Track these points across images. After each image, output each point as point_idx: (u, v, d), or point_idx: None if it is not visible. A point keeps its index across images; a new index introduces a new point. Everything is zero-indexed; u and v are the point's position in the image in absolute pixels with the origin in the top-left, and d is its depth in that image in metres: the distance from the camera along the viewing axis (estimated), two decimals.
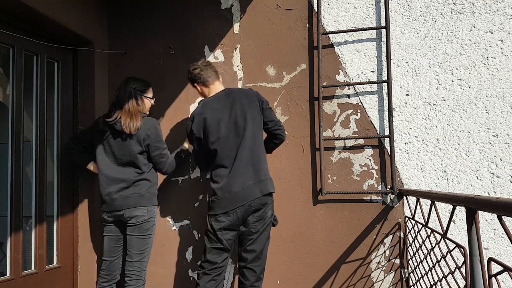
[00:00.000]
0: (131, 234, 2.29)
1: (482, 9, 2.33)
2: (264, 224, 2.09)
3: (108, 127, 2.30)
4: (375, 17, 2.47)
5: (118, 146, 2.29)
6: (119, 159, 2.30)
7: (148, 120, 2.34)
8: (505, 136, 2.25)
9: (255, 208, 2.05)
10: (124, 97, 2.28)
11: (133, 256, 2.28)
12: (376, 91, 2.45)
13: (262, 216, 2.08)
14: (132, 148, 2.27)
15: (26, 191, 2.35)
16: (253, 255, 2.09)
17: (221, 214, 2.05)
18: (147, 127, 2.30)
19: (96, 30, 2.75)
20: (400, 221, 2.35)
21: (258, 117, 2.14)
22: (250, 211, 2.05)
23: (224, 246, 2.07)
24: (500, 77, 2.28)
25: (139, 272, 2.29)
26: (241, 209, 2.03)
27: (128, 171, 2.30)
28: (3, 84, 2.59)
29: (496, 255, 2.20)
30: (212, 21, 2.72)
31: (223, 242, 2.06)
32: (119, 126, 2.24)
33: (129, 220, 2.27)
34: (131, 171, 2.30)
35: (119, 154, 2.29)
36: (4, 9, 2.15)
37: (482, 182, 2.26)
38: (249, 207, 2.03)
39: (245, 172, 2.06)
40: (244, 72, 2.64)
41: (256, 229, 2.08)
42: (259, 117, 2.15)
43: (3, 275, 2.18)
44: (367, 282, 2.36)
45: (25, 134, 2.33)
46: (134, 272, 2.28)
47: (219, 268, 2.09)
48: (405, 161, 2.37)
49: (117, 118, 2.25)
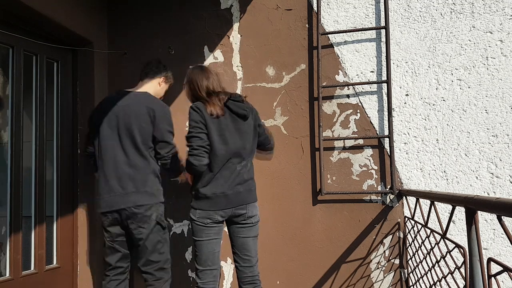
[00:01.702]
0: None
1: (481, 9, 2.33)
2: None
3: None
4: (375, 17, 2.47)
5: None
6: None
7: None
8: (504, 136, 2.25)
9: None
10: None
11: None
12: (375, 91, 2.45)
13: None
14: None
15: (26, 191, 2.34)
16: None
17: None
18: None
19: (95, 30, 2.75)
20: (400, 221, 2.35)
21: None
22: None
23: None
24: (500, 77, 2.28)
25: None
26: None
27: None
28: (2, 84, 2.59)
29: (495, 255, 2.20)
30: (212, 21, 2.72)
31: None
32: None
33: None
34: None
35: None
36: (4, 9, 2.15)
37: (482, 182, 2.26)
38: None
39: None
40: (243, 72, 2.64)
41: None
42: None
43: (2, 275, 2.18)
44: (366, 282, 2.36)
45: (24, 134, 2.33)
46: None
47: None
48: (405, 161, 2.37)
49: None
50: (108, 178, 2.17)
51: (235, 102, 2.03)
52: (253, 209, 2.04)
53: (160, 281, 2.15)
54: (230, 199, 1.99)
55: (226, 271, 2.57)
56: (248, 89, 2.62)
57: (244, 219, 2.02)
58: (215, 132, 1.97)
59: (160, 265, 2.17)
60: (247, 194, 2.03)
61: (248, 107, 2.07)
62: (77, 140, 2.69)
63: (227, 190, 1.98)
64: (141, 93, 2.27)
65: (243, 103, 2.05)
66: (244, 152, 2.03)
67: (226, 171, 1.99)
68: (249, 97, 2.59)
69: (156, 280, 2.15)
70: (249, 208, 2.03)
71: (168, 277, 2.20)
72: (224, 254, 2.57)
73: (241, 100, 2.05)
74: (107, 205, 2.15)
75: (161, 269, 2.17)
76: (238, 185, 2.01)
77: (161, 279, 2.16)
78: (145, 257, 2.15)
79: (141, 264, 2.17)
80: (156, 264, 2.15)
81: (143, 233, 2.13)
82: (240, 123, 2.03)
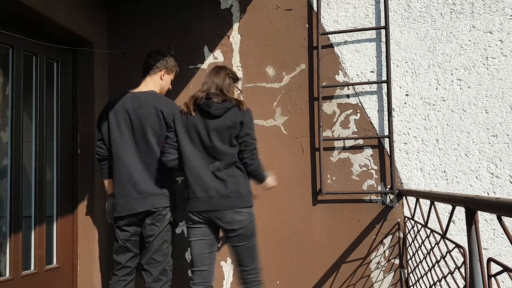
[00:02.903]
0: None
1: (481, 9, 2.33)
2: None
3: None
4: (375, 17, 2.47)
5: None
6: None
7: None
8: (504, 136, 2.25)
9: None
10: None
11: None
12: (375, 91, 2.45)
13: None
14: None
15: (26, 191, 2.34)
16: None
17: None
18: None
19: (95, 30, 2.75)
20: (400, 221, 2.35)
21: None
22: None
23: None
24: (500, 77, 2.28)
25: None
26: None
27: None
28: (2, 84, 2.59)
29: (495, 255, 2.20)
30: (212, 21, 2.72)
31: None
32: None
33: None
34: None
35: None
36: (4, 9, 2.15)
37: (482, 182, 2.26)
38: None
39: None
40: (243, 72, 2.64)
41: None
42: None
43: (2, 275, 2.18)
44: (366, 282, 2.36)
45: (24, 134, 2.33)
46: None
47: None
48: (405, 161, 2.38)
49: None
50: (123, 182, 2.17)
51: (206, 101, 1.96)
52: (233, 215, 1.92)
53: (158, 283, 2.14)
54: (202, 202, 1.94)
55: (226, 271, 2.57)
56: (248, 89, 2.62)
57: (224, 226, 1.94)
58: (181, 130, 2.00)
59: (162, 266, 2.17)
60: (222, 199, 1.92)
61: (222, 106, 1.95)
62: (77, 140, 2.69)
63: (198, 192, 1.95)
64: (147, 93, 2.24)
65: (216, 103, 1.95)
66: (216, 153, 1.95)
67: (197, 171, 1.96)
68: (249, 97, 2.59)
69: (154, 282, 2.14)
70: (227, 214, 1.92)
71: (167, 279, 2.20)
72: (224, 254, 2.57)
73: (220, 100, 1.95)
74: (123, 210, 2.17)
75: (163, 270, 2.17)
76: (211, 189, 1.93)
77: (160, 280, 2.15)
78: (149, 255, 2.15)
79: (144, 262, 2.18)
80: (158, 263, 2.15)
81: (155, 230, 2.15)
82: (210, 121, 1.95)
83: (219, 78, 2.05)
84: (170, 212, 2.20)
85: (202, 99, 1.96)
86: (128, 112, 2.19)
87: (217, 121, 1.95)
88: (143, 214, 2.16)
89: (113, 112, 2.22)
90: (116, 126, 2.20)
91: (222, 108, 1.95)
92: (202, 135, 1.96)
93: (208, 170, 1.95)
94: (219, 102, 1.96)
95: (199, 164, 1.96)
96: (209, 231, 2.01)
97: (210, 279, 2.02)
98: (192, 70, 2.73)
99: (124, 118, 2.19)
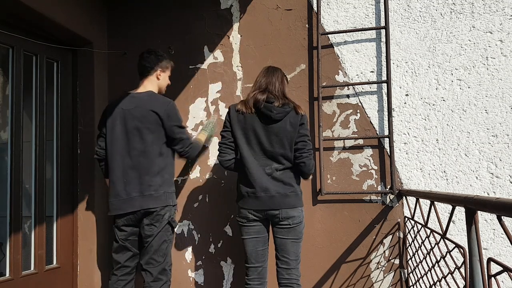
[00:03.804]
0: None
1: (481, 9, 2.33)
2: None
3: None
4: (375, 17, 2.47)
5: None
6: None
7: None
8: (504, 137, 2.25)
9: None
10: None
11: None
12: (375, 91, 2.45)
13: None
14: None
15: (26, 191, 2.34)
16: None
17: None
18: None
19: (95, 30, 2.75)
20: (400, 221, 2.35)
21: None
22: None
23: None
24: (500, 77, 2.28)
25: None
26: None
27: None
28: (2, 84, 2.59)
29: (495, 255, 2.20)
30: (212, 22, 2.72)
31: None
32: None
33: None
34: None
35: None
36: (4, 9, 2.15)
37: (482, 182, 2.26)
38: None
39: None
40: (243, 72, 2.64)
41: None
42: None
43: (2, 276, 2.18)
44: (366, 282, 2.36)
45: (24, 134, 2.33)
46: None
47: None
48: (405, 161, 2.37)
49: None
50: (115, 183, 2.17)
51: (267, 104, 1.98)
52: (289, 212, 1.98)
53: (158, 283, 2.14)
54: (263, 201, 1.98)
55: (226, 271, 2.57)
56: (248, 89, 2.62)
57: (280, 220, 1.99)
58: (239, 131, 2.02)
59: (162, 266, 2.17)
60: (282, 198, 1.98)
61: (283, 110, 1.97)
62: (77, 140, 2.69)
63: (259, 192, 1.98)
64: (144, 94, 2.25)
65: (277, 106, 1.96)
66: (275, 156, 1.99)
67: (255, 172, 1.99)
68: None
69: (154, 282, 2.14)
70: (284, 211, 1.97)
71: (167, 279, 2.20)
72: (224, 253, 2.57)
73: (281, 104, 1.97)
74: (114, 209, 2.17)
75: (163, 270, 2.17)
76: (271, 189, 1.97)
77: (160, 280, 2.15)
78: (148, 255, 2.15)
79: (143, 262, 2.17)
80: (157, 263, 2.15)
81: (153, 231, 2.14)
82: (270, 126, 1.98)
83: (278, 79, 2.07)
84: (169, 212, 2.20)
85: (263, 102, 1.98)
86: (124, 113, 2.20)
87: (277, 125, 1.99)
88: (141, 214, 2.16)
89: (111, 113, 2.23)
90: (113, 126, 2.21)
91: (283, 112, 1.98)
92: (262, 138, 2.00)
93: (265, 172, 2.00)
94: (280, 105, 1.98)
95: (256, 166, 2.00)
96: (263, 229, 2.07)
97: (264, 275, 2.09)
98: (192, 70, 2.73)
99: (120, 118, 2.20)
